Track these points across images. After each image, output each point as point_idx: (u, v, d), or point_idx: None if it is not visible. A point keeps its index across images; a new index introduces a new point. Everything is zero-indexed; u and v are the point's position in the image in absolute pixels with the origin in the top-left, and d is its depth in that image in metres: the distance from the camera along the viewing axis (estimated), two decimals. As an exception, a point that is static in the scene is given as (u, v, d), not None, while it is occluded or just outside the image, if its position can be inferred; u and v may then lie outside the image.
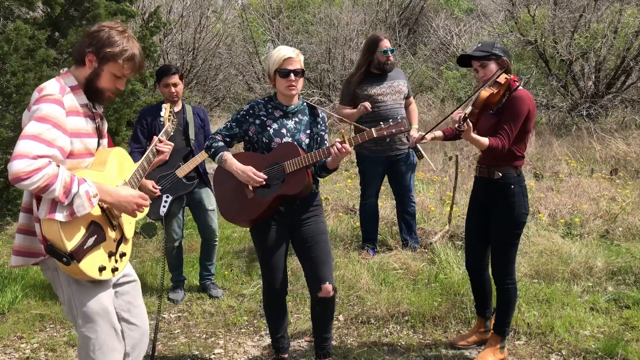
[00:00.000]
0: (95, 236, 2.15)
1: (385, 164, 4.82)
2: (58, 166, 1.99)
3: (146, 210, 2.41)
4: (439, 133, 3.32)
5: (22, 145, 1.94)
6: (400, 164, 4.82)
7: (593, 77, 10.49)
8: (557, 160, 7.99)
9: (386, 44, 4.66)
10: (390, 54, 4.69)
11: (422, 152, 4.17)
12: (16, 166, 1.91)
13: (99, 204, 2.20)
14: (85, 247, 2.10)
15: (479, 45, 3.11)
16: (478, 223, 3.23)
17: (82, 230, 2.10)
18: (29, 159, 1.92)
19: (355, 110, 4.59)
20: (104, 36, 2.19)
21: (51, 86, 2.12)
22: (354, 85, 4.71)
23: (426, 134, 3.26)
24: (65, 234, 2.02)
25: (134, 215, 2.32)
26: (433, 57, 13.99)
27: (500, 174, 3.04)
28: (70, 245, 2.04)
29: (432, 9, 16.29)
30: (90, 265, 2.12)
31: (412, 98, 4.98)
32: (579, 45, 10.11)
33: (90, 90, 2.22)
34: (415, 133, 4.78)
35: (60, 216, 2.02)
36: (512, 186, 3.04)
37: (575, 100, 10.66)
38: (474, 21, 13.94)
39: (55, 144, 2.01)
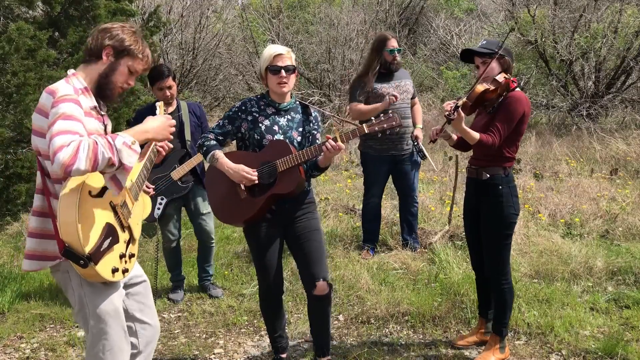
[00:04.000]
0: (111, 238, 2.17)
1: (390, 163, 4.81)
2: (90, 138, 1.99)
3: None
4: (454, 136, 3.27)
5: (57, 141, 1.92)
6: (405, 164, 4.83)
7: (593, 77, 10.49)
8: (557, 160, 7.99)
9: (393, 43, 4.68)
10: (397, 54, 4.69)
11: (425, 152, 4.17)
12: (59, 158, 1.89)
13: (110, 204, 2.21)
14: (102, 249, 2.10)
15: (484, 42, 3.08)
16: (473, 224, 3.25)
17: (99, 232, 2.11)
18: (66, 147, 1.91)
19: (379, 104, 4.53)
20: (120, 33, 2.24)
21: (64, 88, 2.12)
22: (369, 83, 4.65)
23: (443, 126, 3.13)
24: (83, 235, 2.02)
25: (171, 137, 2.38)
26: (433, 57, 13.98)
27: (488, 175, 3.05)
28: (88, 247, 2.04)
29: (432, 9, 16.27)
30: (105, 267, 2.12)
31: (416, 98, 4.99)
32: (579, 45, 10.11)
33: (104, 85, 2.25)
34: (420, 133, 4.80)
35: (123, 183, 2.10)
36: (500, 187, 3.04)
37: (575, 100, 10.67)
38: (474, 21, 13.94)
39: (81, 136, 2.01)
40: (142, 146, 2.50)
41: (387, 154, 4.75)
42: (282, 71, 2.84)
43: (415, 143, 4.69)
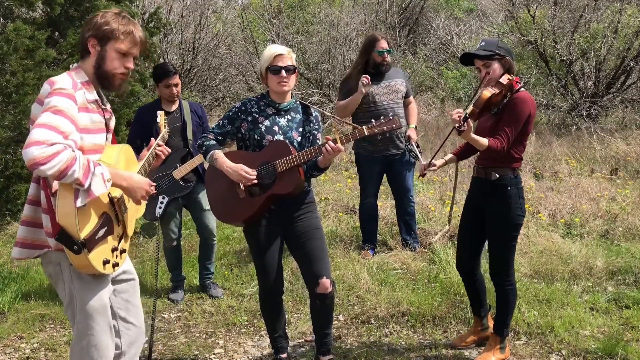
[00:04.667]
0: (106, 227, 2.17)
1: (383, 164, 4.81)
2: (73, 151, 1.99)
3: (143, 205, 2.49)
4: (450, 156, 3.30)
5: (38, 133, 1.91)
6: (398, 164, 4.81)
7: (593, 77, 10.49)
8: (557, 160, 7.98)
9: (383, 44, 4.64)
10: (386, 55, 4.67)
11: (418, 153, 4.16)
12: (33, 152, 1.88)
13: (108, 196, 2.22)
14: (96, 237, 2.11)
15: (482, 44, 3.03)
16: (472, 223, 3.23)
17: (95, 220, 2.12)
18: (46, 145, 1.90)
19: (356, 93, 4.55)
20: (99, 20, 2.22)
21: (63, 80, 2.12)
22: (353, 81, 4.66)
23: (432, 159, 3.24)
24: (80, 221, 2.03)
25: (140, 202, 2.34)
26: (433, 57, 13.98)
27: (497, 175, 3.03)
28: (84, 232, 2.05)
29: (432, 9, 16.27)
30: (97, 257, 2.13)
31: (412, 97, 4.94)
32: (579, 45, 10.11)
33: (100, 75, 2.24)
34: (413, 133, 4.77)
35: (79, 202, 2.02)
36: (509, 187, 3.02)
37: (575, 100, 10.66)
38: (474, 21, 13.93)
39: (70, 137, 2.00)
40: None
41: (380, 155, 4.74)
42: (283, 71, 2.85)
43: (407, 143, 4.64)
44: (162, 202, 4.06)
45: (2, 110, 5.83)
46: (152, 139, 2.65)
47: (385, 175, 4.95)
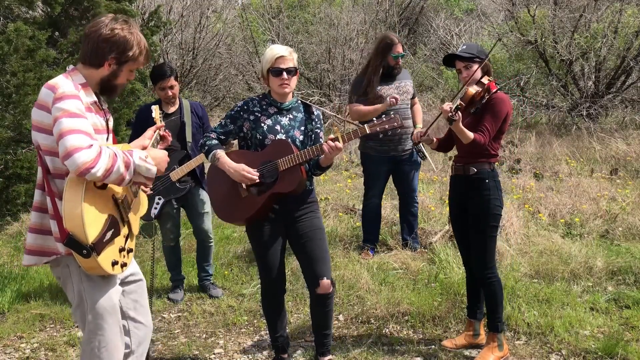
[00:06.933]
0: (113, 230, 2.19)
1: (390, 164, 4.81)
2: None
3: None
4: (435, 139, 3.41)
5: (73, 140, 1.98)
6: (405, 164, 4.83)
7: (593, 77, 10.48)
8: (557, 160, 7.98)
9: (399, 48, 4.69)
10: (400, 59, 4.73)
11: (425, 152, 4.19)
12: (80, 158, 1.95)
13: (112, 197, 2.24)
14: (104, 240, 2.13)
15: (464, 47, 3.23)
16: (460, 222, 3.32)
17: (102, 223, 2.13)
18: (86, 149, 1.97)
19: (379, 105, 4.53)
20: (120, 40, 2.22)
21: (65, 83, 2.13)
22: (373, 85, 4.63)
23: (428, 129, 3.37)
24: (87, 225, 2.05)
25: (163, 172, 2.43)
26: (433, 57, 13.98)
27: (475, 170, 3.17)
28: (92, 237, 2.06)
29: (432, 9, 16.28)
30: (105, 259, 2.14)
31: (416, 98, 5.00)
32: (579, 45, 10.11)
33: (105, 87, 2.29)
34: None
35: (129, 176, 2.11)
36: (487, 180, 3.16)
37: (575, 100, 10.66)
38: (474, 21, 13.94)
39: (92, 137, 2.06)
40: None
41: (388, 155, 4.75)
42: (284, 73, 2.85)
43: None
44: (157, 203, 4.05)
45: (2, 111, 5.83)
46: (149, 129, 2.66)
47: (391, 176, 4.96)
